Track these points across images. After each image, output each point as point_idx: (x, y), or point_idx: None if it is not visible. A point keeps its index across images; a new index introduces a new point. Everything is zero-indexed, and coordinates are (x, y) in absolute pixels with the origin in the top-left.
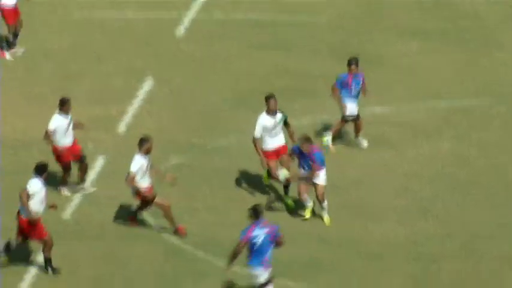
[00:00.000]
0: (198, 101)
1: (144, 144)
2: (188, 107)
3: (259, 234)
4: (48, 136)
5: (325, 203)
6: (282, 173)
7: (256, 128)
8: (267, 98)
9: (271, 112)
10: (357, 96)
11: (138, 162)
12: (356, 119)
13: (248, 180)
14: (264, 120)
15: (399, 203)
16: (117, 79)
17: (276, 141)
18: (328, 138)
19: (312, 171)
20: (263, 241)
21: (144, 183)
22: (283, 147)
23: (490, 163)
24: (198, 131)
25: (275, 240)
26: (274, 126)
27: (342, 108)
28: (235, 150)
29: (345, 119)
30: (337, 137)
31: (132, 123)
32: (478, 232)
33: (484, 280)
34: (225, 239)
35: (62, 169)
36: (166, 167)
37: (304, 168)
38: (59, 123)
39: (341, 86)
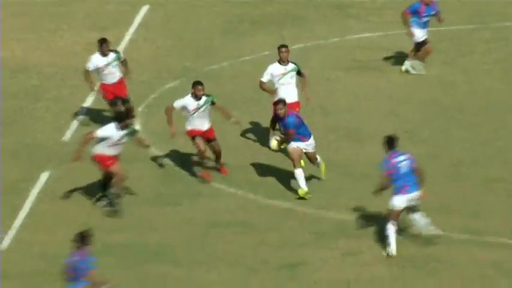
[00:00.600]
0: (191, 27)
1: (194, 86)
2: (182, 33)
3: (402, 159)
4: (85, 73)
5: (318, 159)
6: (273, 143)
7: (264, 73)
8: (279, 48)
9: (283, 61)
10: (426, 24)
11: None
12: (423, 44)
13: (240, 102)
14: (273, 67)
15: (387, 127)
16: (112, 4)
17: (288, 94)
18: (408, 62)
19: (286, 135)
20: (406, 166)
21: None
22: (295, 104)
23: (474, 88)
24: (192, 57)
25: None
26: (283, 75)
27: (410, 34)
28: (227, 75)
29: (418, 45)
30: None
31: (128, 49)
32: (462, 156)
33: (469, 201)
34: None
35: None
36: (162, 91)
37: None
38: (95, 61)
39: (413, 13)
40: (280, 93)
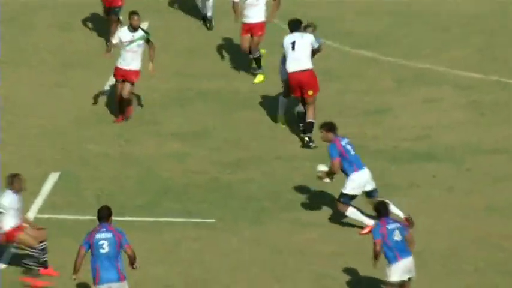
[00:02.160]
0: None
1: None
2: None
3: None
4: None
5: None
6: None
7: None
8: None
9: None
10: None
11: None
12: None
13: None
14: None
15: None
16: None
17: (251, 17)
18: None
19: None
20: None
21: None
22: (257, 25)
23: None
24: None
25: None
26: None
27: None
28: None
29: None
30: None
31: None
32: (496, 26)
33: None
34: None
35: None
36: None
37: None
38: None
39: None
40: (246, 13)
